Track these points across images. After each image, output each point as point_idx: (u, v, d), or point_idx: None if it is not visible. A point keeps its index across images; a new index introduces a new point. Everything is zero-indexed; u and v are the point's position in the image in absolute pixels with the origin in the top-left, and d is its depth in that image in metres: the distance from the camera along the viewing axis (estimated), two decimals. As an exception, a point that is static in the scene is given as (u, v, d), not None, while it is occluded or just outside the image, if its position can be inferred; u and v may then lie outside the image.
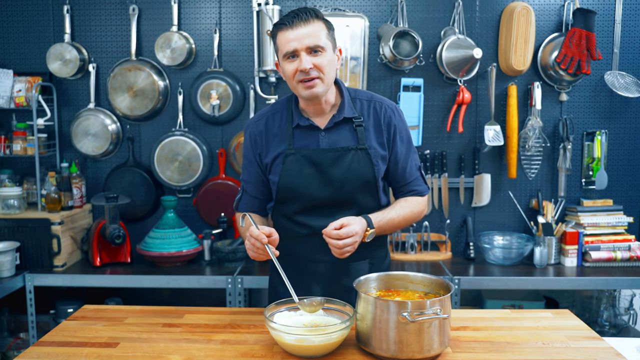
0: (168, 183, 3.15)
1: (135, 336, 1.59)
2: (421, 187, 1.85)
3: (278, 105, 1.82)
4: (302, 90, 1.66)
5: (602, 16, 3.07)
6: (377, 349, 1.41)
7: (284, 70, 1.68)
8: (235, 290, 2.77)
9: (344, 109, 1.74)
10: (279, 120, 1.79)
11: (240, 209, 1.89)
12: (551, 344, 1.52)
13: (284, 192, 1.77)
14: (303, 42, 1.62)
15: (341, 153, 1.73)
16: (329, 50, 1.66)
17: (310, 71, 1.62)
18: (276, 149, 1.77)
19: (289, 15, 1.64)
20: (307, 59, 1.62)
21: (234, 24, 3.14)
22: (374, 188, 1.77)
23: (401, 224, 1.80)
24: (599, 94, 3.13)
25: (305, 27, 1.62)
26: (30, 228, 2.87)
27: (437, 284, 1.56)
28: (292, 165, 1.74)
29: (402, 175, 1.82)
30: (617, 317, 2.98)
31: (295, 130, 1.76)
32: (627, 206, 3.13)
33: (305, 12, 1.63)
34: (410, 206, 1.82)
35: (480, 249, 3.05)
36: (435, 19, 3.10)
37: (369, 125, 1.77)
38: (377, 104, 1.78)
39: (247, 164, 1.85)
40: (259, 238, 1.58)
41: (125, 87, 3.10)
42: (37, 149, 2.98)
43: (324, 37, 1.64)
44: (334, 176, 1.73)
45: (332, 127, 1.75)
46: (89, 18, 3.17)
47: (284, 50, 1.65)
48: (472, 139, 3.16)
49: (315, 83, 1.64)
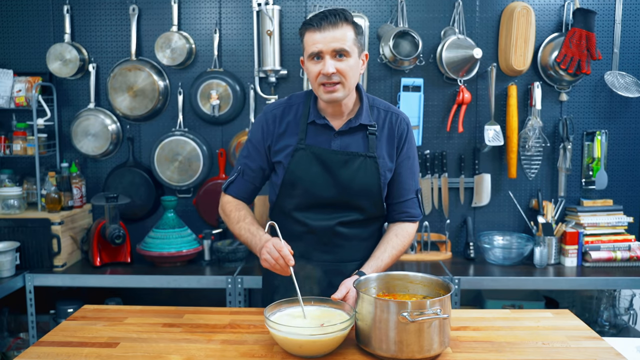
0: (168, 183, 3.15)
1: (135, 336, 1.59)
2: (415, 211, 1.84)
3: (296, 98, 1.82)
4: (322, 93, 1.67)
5: (602, 16, 3.07)
6: (377, 349, 1.41)
7: (308, 71, 1.68)
8: (235, 290, 2.77)
9: (361, 115, 1.74)
10: (294, 113, 1.78)
11: (231, 191, 1.84)
12: (551, 344, 1.52)
13: (288, 185, 1.77)
14: (329, 45, 1.61)
15: (350, 157, 1.73)
16: (354, 56, 1.66)
17: (333, 76, 1.62)
18: (287, 141, 1.76)
19: (318, 16, 1.63)
20: (331, 63, 1.62)
21: (234, 24, 3.14)
22: (377, 196, 1.77)
23: (393, 263, 1.79)
24: (599, 94, 3.13)
25: (332, 31, 1.62)
26: (30, 228, 2.87)
27: (437, 284, 1.56)
28: (301, 160, 1.74)
29: (398, 192, 1.81)
30: (617, 317, 2.98)
31: (310, 126, 1.76)
32: (627, 206, 3.13)
33: (334, 15, 1.62)
34: (402, 242, 1.80)
35: (480, 249, 3.05)
36: (435, 19, 3.10)
37: (382, 135, 1.77)
38: (393, 116, 1.79)
39: (252, 150, 1.82)
40: (286, 258, 1.55)
41: (125, 87, 3.10)
42: (37, 149, 2.98)
43: (350, 41, 1.64)
44: (340, 178, 1.73)
45: (347, 130, 1.75)
46: (89, 18, 3.17)
47: (309, 51, 1.65)
48: (472, 139, 3.16)
49: (337, 88, 1.64)
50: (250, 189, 1.85)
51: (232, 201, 1.84)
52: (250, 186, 1.84)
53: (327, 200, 1.75)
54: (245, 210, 1.82)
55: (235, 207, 1.82)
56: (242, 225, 1.77)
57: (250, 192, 1.85)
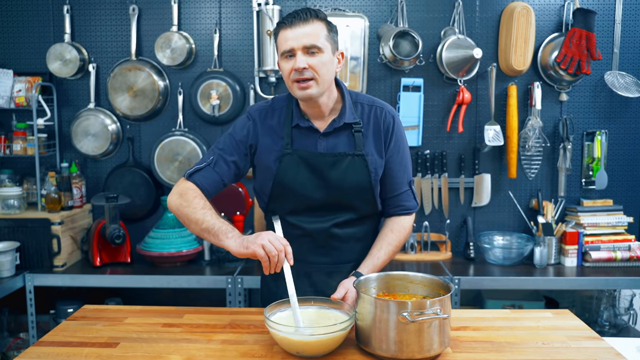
0: (168, 183, 3.14)
1: (135, 336, 1.59)
2: (410, 203, 1.82)
3: (278, 102, 1.80)
4: (296, 90, 1.66)
5: (602, 16, 3.07)
6: (377, 349, 1.41)
7: (282, 69, 1.68)
8: (235, 290, 2.77)
9: (344, 114, 1.73)
10: (278, 117, 1.77)
11: (195, 179, 1.72)
12: (551, 344, 1.52)
13: (278, 191, 1.76)
14: (300, 41, 1.61)
15: (338, 158, 1.72)
16: (327, 52, 1.64)
17: (304, 71, 1.61)
18: (272, 146, 1.74)
19: (290, 15, 1.64)
20: (302, 59, 1.61)
21: (234, 24, 3.14)
22: (369, 194, 1.76)
23: (390, 259, 1.78)
24: (599, 94, 3.13)
25: (303, 27, 1.62)
26: (30, 228, 2.87)
27: (437, 284, 1.56)
28: (289, 165, 1.73)
29: (391, 186, 1.79)
30: (617, 317, 2.98)
31: (294, 130, 1.75)
32: (627, 206, 3.13)
33: (305, 12, 1.63)
34: (398, 237, 1.79)
35: (480, 249, 3.05)
36: (435, 19, 3.10)
37: (368, 131, 1.75)
38: (378, 110, 1.77)
39: (231, 144, 1.75)
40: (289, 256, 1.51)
41: (125, 87, 3.10)
42: (37, 149, 2.98)
43: (322, 37, 1.63)
44: (330, 180, 1.72)
45: (332, 131, 1.73)
46: (89, 18, 3.17)
47: (282, 49, 1.65)
48: (472, 139, 3.16)
49: (310, 84, 1.63)
50: (216, 182, 1.73)
51: (194, 188, 1.70)
52: (218, 178, 1.73)
53: (320, 203, 1.74)
54: (210, 203, 1.69)
55: (199, 194, 1.69)
56: (209, 212, 1.64)
57: (215, 185, 1.74)
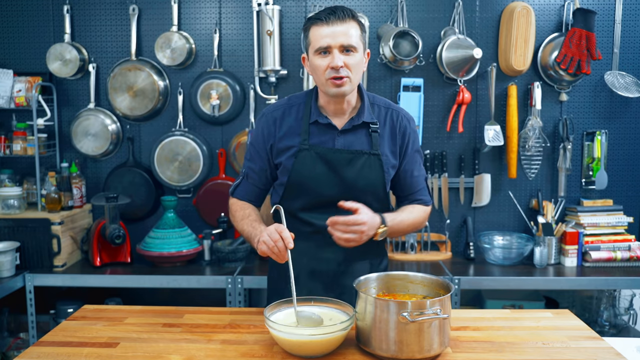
0: (168, 183, 3.15)
1: (135, 336, 1.59)
2: (426, 198, 1.89)
3: (295, 99, 1.83)
4: (330, 87, 1.67)
5: (602, 16, 3.07)
6: (377, 348, 1.41)
7: (314, 65, 1.68)
8: (235, 290, 2.77)
9: (363, 112, 1.76)
10: (295, 114, 1.79)
11: (237, 194, 1.87)
12: (551, 344, 1.52)
13: (293, 186, 1.77)
14: (337, 39, 1.63)
15: (355, 156, 1.75)
16: (360, 52, 1.67)
17: (341, 70, 1.63)
18: (289, 142, 1.77)
19: (325, 11, 1.65)
20: (340, 57, 1.63)
21: (234, 24, 3.14)
22: (382, 193, 1.79)
23: (408, 229, 1.83)
24: (599, 94, 3.13)
25: (340, 25, 1.63)
26: (30, 228, 2.87)
27: (437, 284, 1.56)
28: (305, 161, 1.75)
29: (410, 185, 1.85)
30: (617, 317, 2.98)
31: (312, 126, 1.76)
32: (627, 206, 3.13)
33: (342, 11, 1.65)
34: (417, 212, 1.85)
35: (480, 249, 3.05)
36: (435, 19, 3.10)
37: (384, 132, 1.79)
38: (394, 113, 1.81)
39: (254, 153, 1.84)
40: (286, 240, 1.54)
41: (125, 87, 3.10)
42: (37, 149, 2.98)
43: (357, 37, 1.66)
44: (345, 177, 1.74)
45: (350, 129, 1.76)
46: (89, 18, 3.17)
47: (317, 45, 1.65)
48: (472, 139, 3.16)
49: (344, 82, 1.66)
50: (255, 192, 1.86)
51: (237, 202, 1.87)
52: (255, 189, 1.86)
53: (332, 199, 1.74)
54: (251, 209, 1.83)
55: (240, 207, 1.84)
56: (246, 221, 1.78)
57: (256, 194, 1.87)
